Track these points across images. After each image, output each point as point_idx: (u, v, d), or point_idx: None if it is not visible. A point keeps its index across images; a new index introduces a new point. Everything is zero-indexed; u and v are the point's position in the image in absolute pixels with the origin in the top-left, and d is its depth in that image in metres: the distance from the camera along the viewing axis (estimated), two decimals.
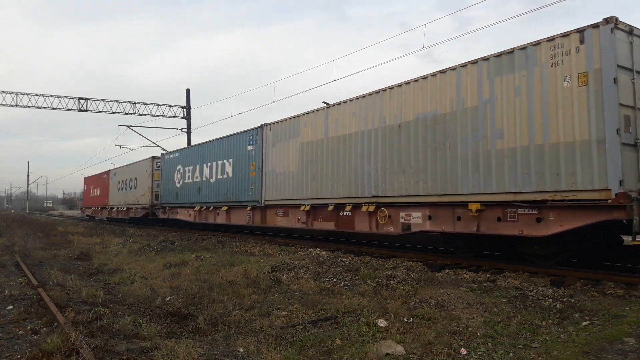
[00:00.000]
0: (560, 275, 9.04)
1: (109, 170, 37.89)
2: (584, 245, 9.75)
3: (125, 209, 32.66)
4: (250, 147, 18.22)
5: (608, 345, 4.94)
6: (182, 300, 7.76)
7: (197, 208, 22.17)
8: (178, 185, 24.41)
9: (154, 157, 28.08)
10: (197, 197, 22.08)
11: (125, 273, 10.99)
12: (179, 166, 24.42)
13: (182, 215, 24.27)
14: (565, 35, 8.78)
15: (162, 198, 26.69)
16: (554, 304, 6.90)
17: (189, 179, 23.23)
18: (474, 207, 10.02)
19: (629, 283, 8.04)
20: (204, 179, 21.58)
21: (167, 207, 25.90)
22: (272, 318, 6.50)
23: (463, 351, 5.01)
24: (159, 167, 27.52)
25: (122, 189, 33.67)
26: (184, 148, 24.51)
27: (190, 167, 23.11)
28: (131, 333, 5.76)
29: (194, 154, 23.14)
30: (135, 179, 30.62)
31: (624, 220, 8.03)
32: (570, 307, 6.68)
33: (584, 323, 5.92)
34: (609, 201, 7.96)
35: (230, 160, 19.49)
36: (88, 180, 46.16)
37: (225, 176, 19.80)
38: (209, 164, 21.27)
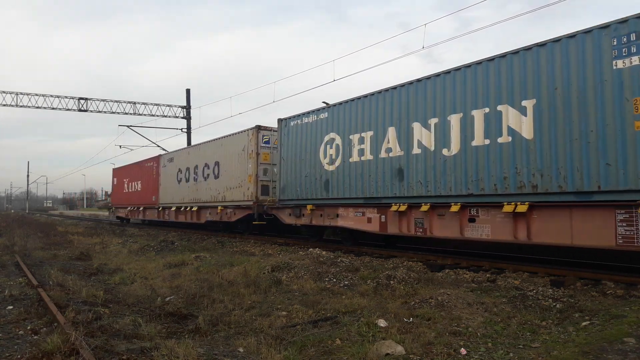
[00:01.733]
0: (560, 275, 9.04)
1: (159, 155, 27.45)
2: None
3: (195, 209, 22.30)
4: None
5: (608, 345, 4.94)
6: (182, 300, 7.76)
7: (396, 207, 12.04)
8: (329, 167, 14.41)
9: (259, 128, 18.19)
10: (394, 185, 12.15)
11: (125, 273, 10.99)
12: (331, 134, 14.44)
13: (352, 220, 13.78)
14: None
15: (284, 191, 16.32)
16: (554, 304, 6.90)
17: (360, 155, 13.26)
18: None
19: (629, 283, 8.04)
20: (416, 150, 11.64)
21: (311, 206, 15.10)
22: (272, 318, 6.51)
23: (463, 351, 5.01)
24: (266, 142, 18.26)
25: (186, 180, 23.37)
26: (341, 103, 14.26)
27: (367, 134, 13.09)
28: (131, 333, 5.76)
29: (372, 108, 13.05)
30: (216, 164, 20.74)
31: None
32: (570, 307, 6.68)
33: (584, 323, 5.92)
34: None
35: (527, 103, 9.38)
36: (120, 172, 34.54)
37: (499, 139, 9.80)
38: (431, 122, 11.28)
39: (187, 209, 23.06)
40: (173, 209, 24.58)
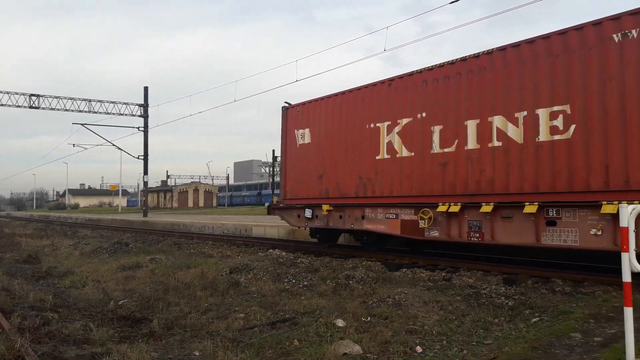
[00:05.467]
0: (513, 273, 9.32)
1: None
2: None
3: None
4: None
5: (556, 341, 5.13)
6: (136, 304, 7.56)
7: None
8: None
9: None
10: None
11: (76, 276, 10.61)
12: None
13: None
14: None
15: None
16: (506, 301, 7.11)
17: None
18: None
19: (576, 280, 8.38)
20: None
21: None
22: (229, 320, 6.41)
23: (419, 349, 5.09)
24: None
25: None
26: None
27: None
28: (81, 338, 5.57)
29: None
30: None
31: None
32: (522, 305, 6.90)
33: (534, 319, 6.13)
34: None
35: None
36: (352, 101, 12.38)
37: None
38: None
39: None
40: None
